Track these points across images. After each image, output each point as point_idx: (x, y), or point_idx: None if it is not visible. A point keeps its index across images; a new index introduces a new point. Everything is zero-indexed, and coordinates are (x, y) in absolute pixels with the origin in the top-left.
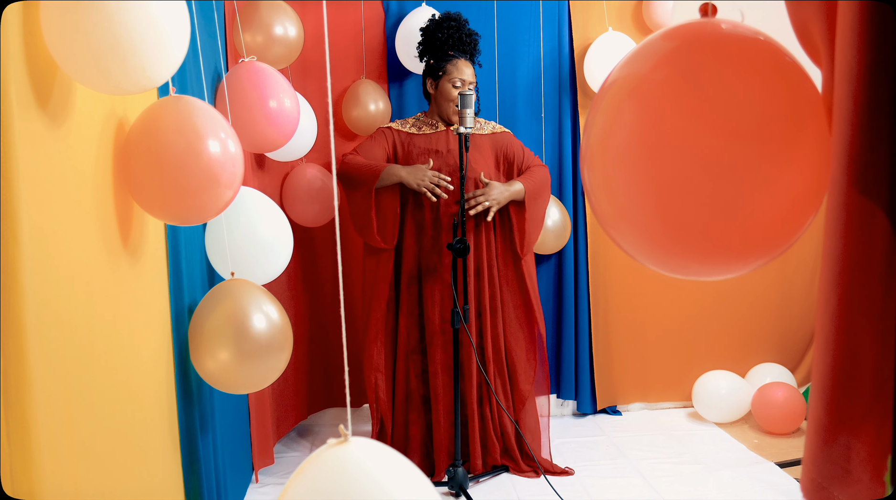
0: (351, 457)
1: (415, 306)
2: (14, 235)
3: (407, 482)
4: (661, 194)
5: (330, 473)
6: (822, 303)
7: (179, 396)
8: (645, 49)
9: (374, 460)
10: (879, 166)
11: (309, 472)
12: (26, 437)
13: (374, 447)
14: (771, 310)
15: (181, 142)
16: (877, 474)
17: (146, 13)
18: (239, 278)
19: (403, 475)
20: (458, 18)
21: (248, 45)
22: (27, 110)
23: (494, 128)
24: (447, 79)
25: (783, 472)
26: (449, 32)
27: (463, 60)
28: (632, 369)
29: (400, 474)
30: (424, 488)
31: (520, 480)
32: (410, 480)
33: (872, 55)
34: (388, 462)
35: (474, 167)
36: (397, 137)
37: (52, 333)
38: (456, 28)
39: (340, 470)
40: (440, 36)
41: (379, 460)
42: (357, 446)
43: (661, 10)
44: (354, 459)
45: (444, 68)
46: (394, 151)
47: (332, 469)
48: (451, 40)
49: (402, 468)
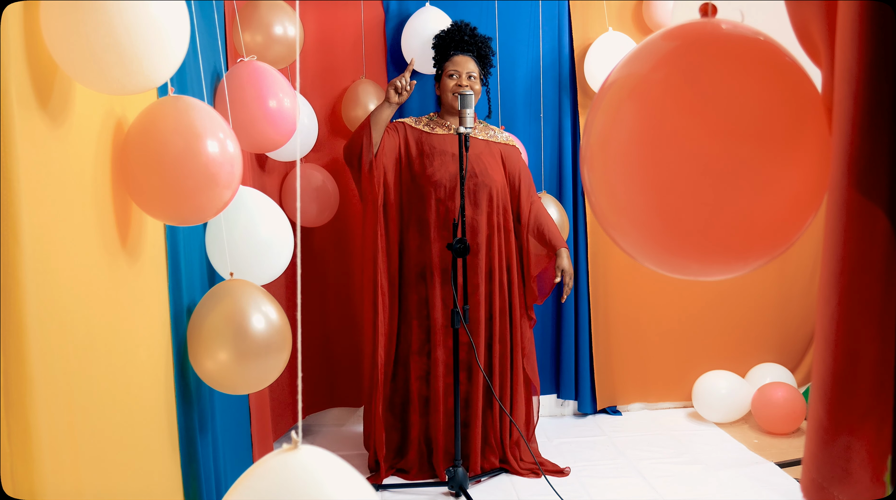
0: (299, 463)
1: (421, 307)
2: (14, 235)
3: (351, 490)
4: (661, 194)
5: (275, 477)
6: (822, 303)
7: (178, 396)
8: (645, 49)
9: (321, 467)
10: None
11: (254, 475)
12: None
13: (322, 455)
14: (771, 310)
15: (180, 142)
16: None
17: (146, 13)
18: (238, 279)
19: (349, 484)
20: (461, 23)
21: (247, 44)
22: (27, 110)
23: (507, 139)
24: (445, 73)
25: (783, 472)
26: (451, 35)
27: (461, 55)
28: (632, 369)
29: (346, 483)
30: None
31: (520, 480)
32: (354, 488)
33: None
34: (335, 471)
35: (492, 175)
36: (411, 133)
37: (52, 333)
38: (457, 30)
39: (286, 475)
40: (445, 39)
41: (326, 468)
42: (306, 453)
43: (661, 10)
44: (302, 465)
45: (443, 66)
46: (406, 146)
47: (278, 474)
48: (453, 42)
49: (349, 477)
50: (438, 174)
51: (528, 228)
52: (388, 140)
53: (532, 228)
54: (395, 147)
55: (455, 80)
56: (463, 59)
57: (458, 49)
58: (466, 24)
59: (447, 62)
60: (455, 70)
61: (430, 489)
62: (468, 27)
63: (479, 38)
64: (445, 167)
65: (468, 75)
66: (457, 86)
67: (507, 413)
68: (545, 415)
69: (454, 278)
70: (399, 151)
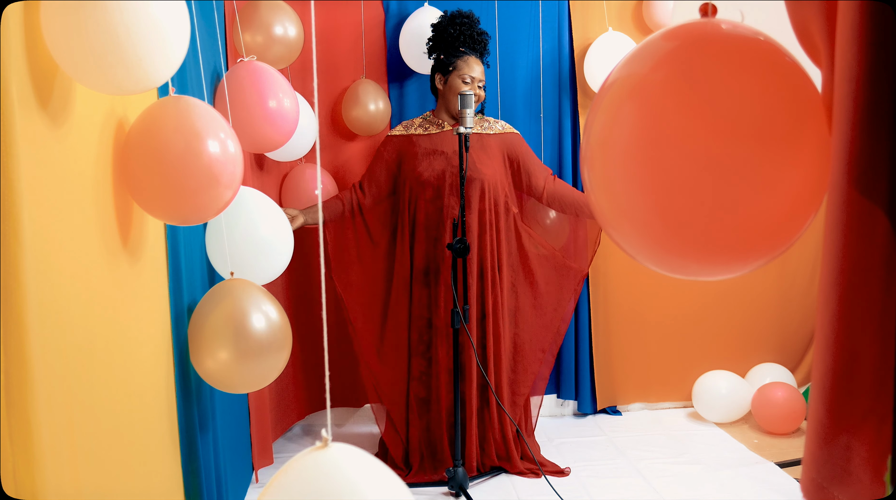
0: (330, 461)
1: (415, 308)
2: (15, 235)
3: (384, 487)
4: (662, 194)
5: (308, 477)
6: (822, 303)
7: (179, 395)
8: (645, 49)
9: (352, 464)
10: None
11: (288, 476)
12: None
13: (353, 452)
14: (771, 310)
15: (181, 142)
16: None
17: (146, 13)
18: (238, 278)
19: (381, 480)
20: (470, 16)
21: (247, 44)
22: (27, 110)
23: (503, 127)
24: (457, 74)
25: (783, 472)
26: (461, 29)
27: (474, 58)
28: (632, 369)
29: (378, 479)
30: (401, 493)
31: (519, 480)
32: (388, 485)
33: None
34: (367, 467)
35: (480, 169)
36: (394, 148)
37: (52, 333)
38: (468, 25)
39: (319, 474)
40: (452, 31)
41: (357, 465)
42: (337, 451)
43: (661, 10)
44: (333, 463)
45: (454, 64)
46: (394, 161)
47: (311, 473)
48: (463, 37)
49: (380, 473)
50: (426, 175)
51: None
52: (378, 173)
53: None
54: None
55: (468, 85)
56: (475, 62)
57: (468, 47)
58: (476, 18)
59: (459, 60)
60: (471, 76)
61: (430, 489)
62: (477, 23)
63: (485, 37)
64: (433, 167)
65: (479, 83)
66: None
67: (505, 413)
68: (545, 415)
69: (454, 278)
70: (391, 167)
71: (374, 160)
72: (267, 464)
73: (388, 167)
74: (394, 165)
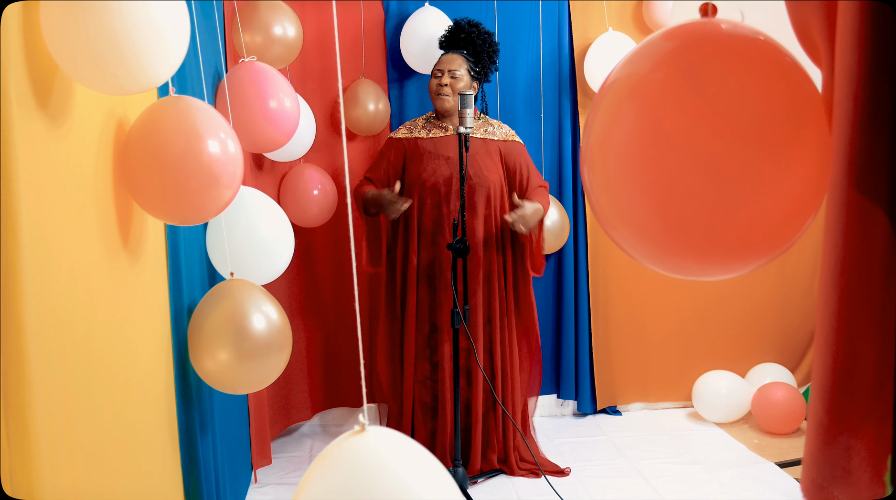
0: (368, 446)
1: (420, 310)
2: (14, 236)
3: (423, 470)
4: (662, 194)
5: (347, 462)
6: (822, 303)
7: (179, 396)
8: (645, 49)
9: (391, 448)
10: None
11: (326, 461)
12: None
13: (390, 435)
14: (771, 310)
15: (181, 142)
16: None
17: (146, 13)
18: (238, 278)
19: (420, 462)
20: (460, 22)
21: (247, 45)
22: (27, 110)
23: (507, 134)
24: (432, 75)
25: (783, 472)
26: (446, 35)
27: (448, 54)
28: (632, 369)
29: (416, 461)
30: (440, 475)
31: (520, 480)
32: (427, 467)
33: (872, 55)
34: (405, 451)
35: (487, 176)
36: (399, 149)
37: (51, 333)
38: (455, 29)
39: (358, 460)
40: (441, 39)
41: (396, 448)
42: (374, 435)
43: (661, 10)
44: (371, 448)
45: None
46: (398, 161)
47: (350, 459)
48: (446, 40)
49: (418, 456)
50: (432, 179)
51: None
52: (381, 173)
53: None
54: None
55: (437, 79)
56: (449, 56)
57: (447, 48)
58: (467, 21)
59: (437, 62)
60: (438, 69)
61: None
62: (467, 24)
63: (475, 34)
64: (439, 172)
65: (451, 73)
66: (438, 86)
67: (510, 418)
68: (545, 415)
69: (454, 278)
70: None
71: (378, 161)
72: (266, 464)
73: (394, 169)
74: (399, 167)
